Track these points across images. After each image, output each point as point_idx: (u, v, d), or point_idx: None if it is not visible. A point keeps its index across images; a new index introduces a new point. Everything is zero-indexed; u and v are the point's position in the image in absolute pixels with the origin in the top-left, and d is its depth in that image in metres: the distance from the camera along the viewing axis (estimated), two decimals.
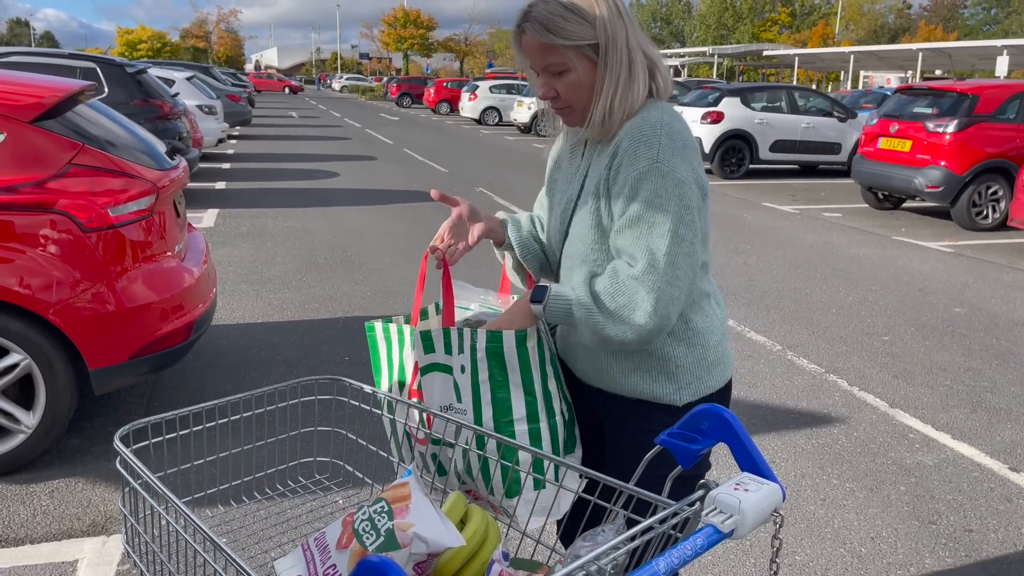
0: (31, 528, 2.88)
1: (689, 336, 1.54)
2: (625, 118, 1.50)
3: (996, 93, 9.51)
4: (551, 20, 1.46)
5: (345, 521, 1.28)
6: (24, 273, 3.08)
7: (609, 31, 1.47)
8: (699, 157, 1.50)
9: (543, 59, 1.50)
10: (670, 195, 1.41)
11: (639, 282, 1.41)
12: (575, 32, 1.46)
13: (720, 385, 1.60)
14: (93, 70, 8.82)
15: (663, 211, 1.41)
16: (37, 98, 3.29)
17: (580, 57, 1.49)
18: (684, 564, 1.05)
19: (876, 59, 39.52)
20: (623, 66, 1.48)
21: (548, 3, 1.47)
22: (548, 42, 1.47)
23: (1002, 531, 3.09)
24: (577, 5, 1.46)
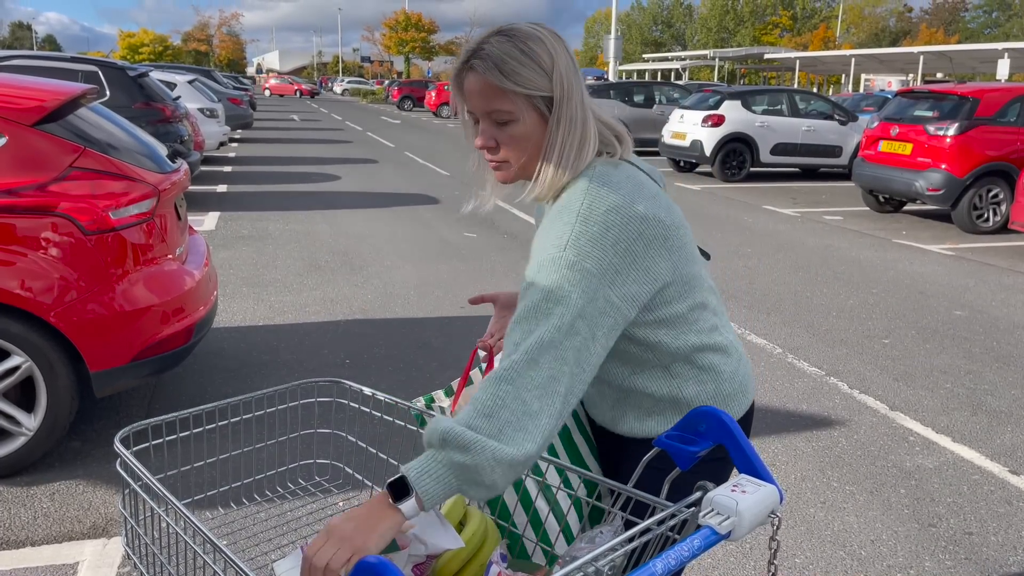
0: (32, 530, 2.89)
1: (698, 374, 1.44)
2: (568, 182, 1.37)
3: (997, 96, 9.51)
4: (506, 62, 1.32)
5: None
6: (26, 276, 3.09)
7: (565, 85, 1.34)
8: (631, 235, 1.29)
9: (488, 103, 1.35)
10: (573, 285, 1.24)
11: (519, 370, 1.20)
12: (530, 80, 1.32)
13: (738, 416, 1.51)
14: (95, 73, 8.83)
15: (562, 302, 1.23)
16: (39, 101, 3.30)
17: (530, 108, 1.34)
18: (681, 565, 1.06)
19: (877, 62, 39.55)
20: (576, 126, 1.36)
21: (503, 43, 1.33)
22: (498, 85, 1.32)
23: (1002, 534, 3.09)
24: (535, 52, 1.33)
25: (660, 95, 18.81)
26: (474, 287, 6.35)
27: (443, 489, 1.16)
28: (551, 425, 1.19)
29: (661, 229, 1.32)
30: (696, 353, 1.42)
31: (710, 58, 54.15)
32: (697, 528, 1.12)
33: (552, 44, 1.35)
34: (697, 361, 1.42)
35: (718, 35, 74.91)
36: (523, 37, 1.34)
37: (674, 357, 1.41)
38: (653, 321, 1.37)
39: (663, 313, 1.37)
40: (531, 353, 1.21)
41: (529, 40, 1.34)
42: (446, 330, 5.28)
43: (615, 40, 27.05)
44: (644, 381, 1.43)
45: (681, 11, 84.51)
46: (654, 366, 1.42)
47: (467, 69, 1.36)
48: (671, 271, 1.34)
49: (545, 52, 1.34)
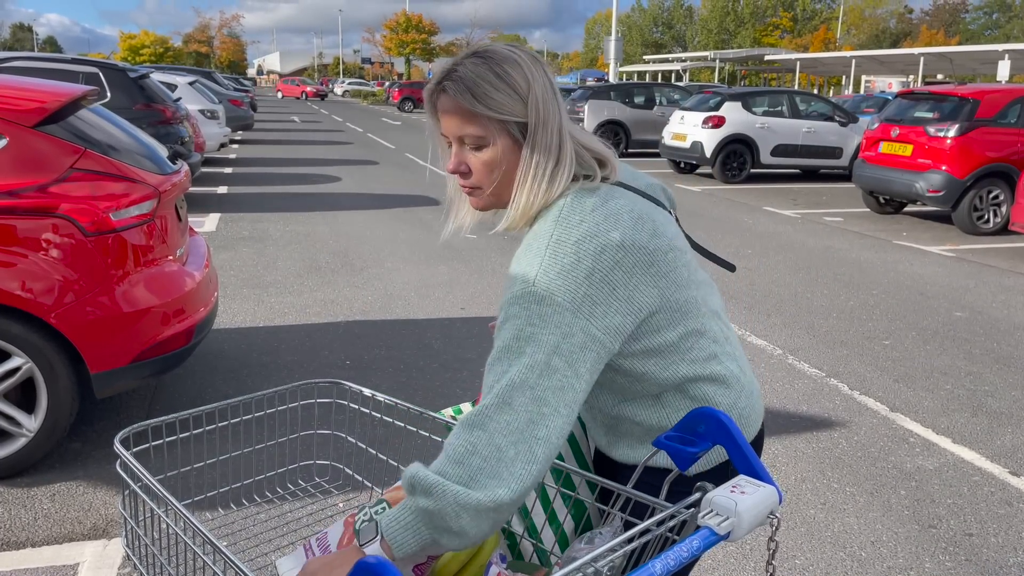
0: (32, 531, 2.89)
1: (690, 404, 1.36)
2: (543, 209, 1.32)
3: (997, 97, 9.52)
4: (479, 85, 1.27)
5: (347, 521, 1.29)
6: (26, 277, 3.10)
7: (541, 112, 1.29)
8: (608, 265, 1.23)
9: (460, 127, 1.31)
10: (545, 321, 1.18)
11: (491, 414, 1.15)
12: (504, 105, 1.28)
13: None
14: (96, 75, 8.84)
15: (534, 340, 1.17)
16: (40, 103, 3.31)
17: (503, 133, 1.30)
18: (680, 566, 1.06)
19: (877, 63, 39.56)
20: (551, 153, 1.30)
21: (478, 66, 1.29)
22: (470, 109, 1.28)
23: (1002, 535, 3.09)
24: (511, 76, 1.28)
25: (660, 96, 18.82)
26: (474, 288, 6.35)
27: (413, 537, 1.12)
28: (529, 471, 1.13)
29: (643, 256, 1.25)
30: (689, 384, 1.35)
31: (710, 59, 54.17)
32: (696, 529, 1.12)
33: (530, 68, 1.30)
34: (690, 391, 1.35)
35: (718, 36, 74.95)
36: (499, 60, 1.29)
37: (663, 387, 1.34)
38: (640, 351, 1.30)
39: (651, 343, 1.30)
40: (504, 396, 1.15)
41: (505, 63, 1.29)
42: (446, 331, 5.28)
43: (615, 41, 27.07)
44: (634, 410, 1.38)
45: (681, 12, 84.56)
46: (643, 396, 1.36)
47: (440, 91, 1.32)
48: (658, 299, 1.27)
49: (521, 76, 1.29)
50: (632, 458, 1.42)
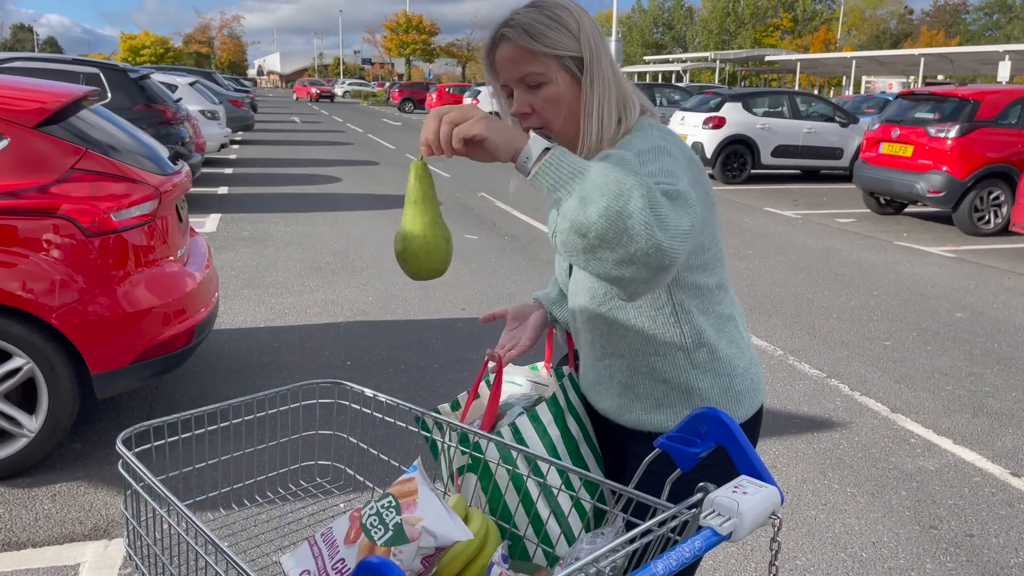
0: (33, 532, 2.89)
1: (715, 366, 1.45)
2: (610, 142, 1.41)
3: (998, 98, 9.52)
4: (534, 27, 1.37)
5: (352, 516, 1.29)
6: (27, 277, 3.10)
7: (593, 46, 1.39)
8: (700, 170, 1.37)
9: (520, 68, 1.39)
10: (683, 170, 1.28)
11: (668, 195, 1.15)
12: (559, 41, 1.38)
13: (748, 416, 1.50)
14: (96, 75, 8.85)
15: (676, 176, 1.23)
16: (41, 103, 3.31)
17: (562, 70, 1.39)
18: (682, 566, 1.06)
19: (878, 64, 39.56)
20: (610, 83, 1.41)
21: (531, 12, 1.39)
22: (529, 48, 1.37)
23: (1003, 536, 3.09)
24: (561, 17, 1.39)
25: (661, 97, 18.83)
26: (475, 289, 6.36)
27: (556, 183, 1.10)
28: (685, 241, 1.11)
29: (711, 190, 1.41)
30: (719, 338, 1.45)
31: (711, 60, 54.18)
32: (698, 529, 1.13)
33: (577, 11, 1.41)
34: (718, 350, 1.44)
35: (719, 37, 74.97)
36: (549, 6, 1.40)
37: (700, 339, 1.43)
38: (691, 286, 1.40)
39: (699, 279, 1.41)
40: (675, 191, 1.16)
41: (555, 8, 1.40)
42: (447, 332, 5.29)
43: (616, 42, 27.07)
44: (663, 364, 1.44)
45: (682, 13, 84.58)
46: (678, 348, 1.43)
47: (498, 39, 1.41)
48: (713, 222, 1.41)
49: (571, 17, 1.39)
50: (645, 423, 1.48)
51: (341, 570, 1.23)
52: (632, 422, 1.49)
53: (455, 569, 1.28)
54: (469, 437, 1.50)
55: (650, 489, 1.35)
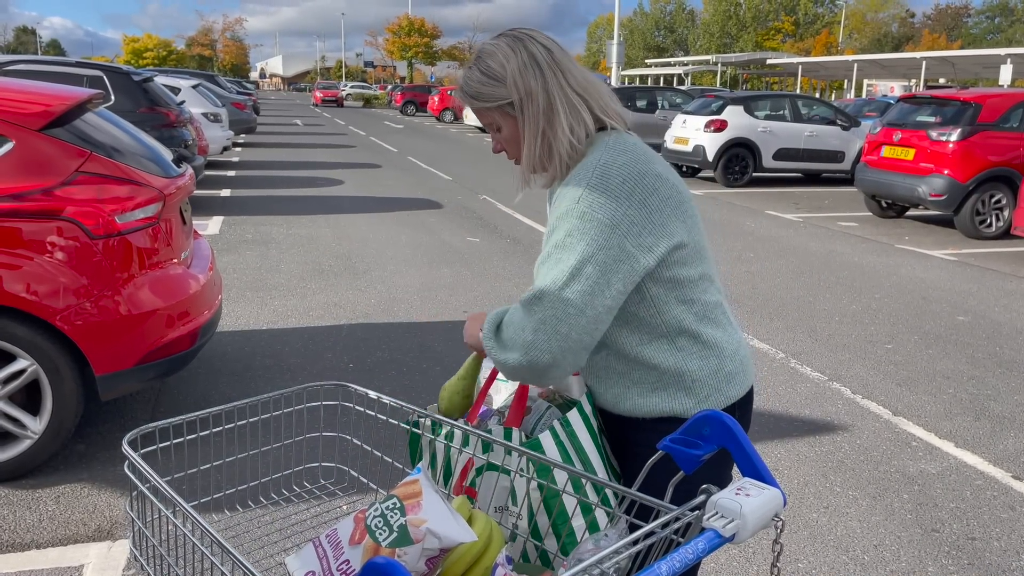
0: (37, 533, 2.90)
1: (701, 349, 1.52)
2: (570, 160, 1.51)
3: (999, 102, 9.52)
4: (471, 86, 1.53)
5: (357, 517, 1.30)
6: (31, 280, 3.11)
7: (521, 87, 1.49)
8: (647, 189, 1.43)
9: (479, 119, 1.58)
10: (583, 234, 1.39)
11: (525, 307, 1.41)
12: (491, 94, 1.51)
13: (740, 395, 1.58)
14: (100, 78, 8.87)
15: (571, 249, 1.39)
16: (45, 106, 3.32)
17: (504, 116, 1.53)
18: (685, 568, 1.07)
19: (879, 67, 39.58)
20: (540, 117, 1.50)
21: (470, 70, 1.54)
22: (475, 106, 1.54)
23: (1005, 539, 3.09)
24: (489, 67, 1.50)
25: (663, 100, 18.85)
26: (477, 291, 6.37)
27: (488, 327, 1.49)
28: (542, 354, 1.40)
29: (675, 192, 1.47)
30: (701, 324, 1.51)
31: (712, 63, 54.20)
32: (701, 531, 1.13)
33: (504, 53, 1.50)
34: (702, 335, 1.51)
35: (720, 40, 74.98)
36: (482, 56, 1.52)
37: (681, 327, 1.50)
38: (668, 279, 1.47)
39: (677, 273, 1.47)
40: (536, 293, 1.39)
41: (484, 57, 1.52)
42: (449, 334, 5.29)
43: (617, 45, 27.11)
44: (651, 352, 1.51)
45: (683, 16, 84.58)
46: (662, 336, 1.50)
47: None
48: (686, 233, 1.47)
49: (497, 63, 1.50)
50: (641, 408, 1.54)
51: (346, 571, 1.24)
52: (629, 409, 1.55)
53: (459, 570, 1.29)
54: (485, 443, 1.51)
55: (653, 491, 1.36)
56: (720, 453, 1.25)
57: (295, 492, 1.78)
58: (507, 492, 1.51)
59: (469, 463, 1.55)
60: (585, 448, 1.52)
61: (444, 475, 1.60)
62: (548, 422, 1.57)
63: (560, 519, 1.47)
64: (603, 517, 1.48)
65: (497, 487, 1.52)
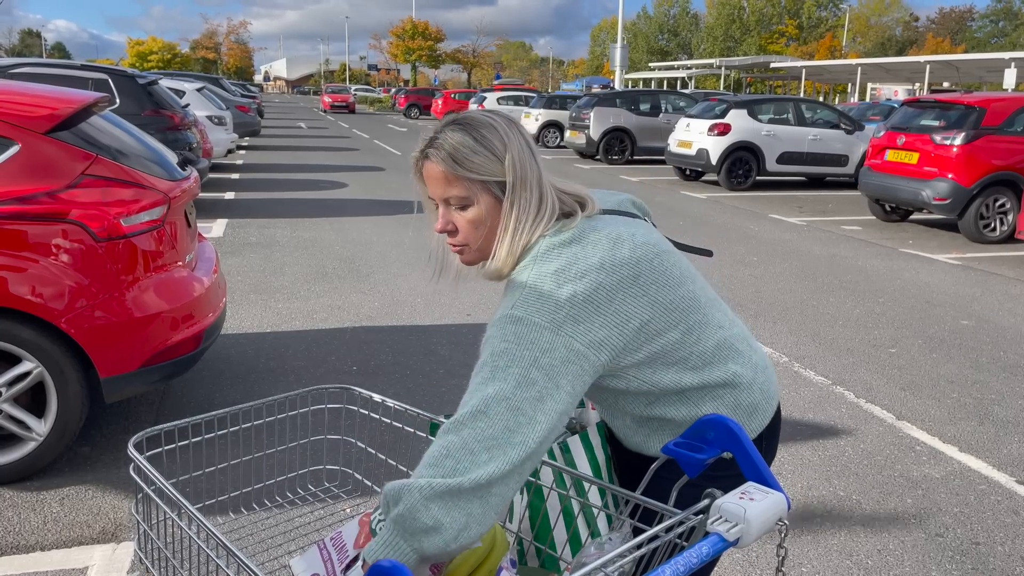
0: (41, 535, 2.91)
1: (712, 391, 1.42)
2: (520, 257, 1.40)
3: (1003, 106, 9.51)
4: (458, 151, 1.37)
5: (362, 521, 1.30)
6: (37, 282, 3.12)
7: (518, 170, 1.38)
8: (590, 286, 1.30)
9: (445, 190, 1.40)
10: (521, 339, 1.25)
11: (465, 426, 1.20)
12: (483, 166, 1.37)
13: (764, 426, 1.49)
14: (105, 81, 8.90)
15: (511, 356, 1.25)
16: (51, 109, 3.34)
17: (484, 192, 1.39)
18: (690, 572, 1.07)
19: (883, 71, 39.55)
20: (531, 207, 1.39)
21: (456, 133, 1.38)
22: (453, 173, 1.38)
23: (1009, 544, 3.09)
24: (488, 139, 1.38)
25: (666, 103, 18.84)
26: (480, 294, 6.37)
27: (393, 552, 1.14)
28: (500, 470, 1.18)
29: (625, 271, 1.32)
30: (704, 374, 1.41)
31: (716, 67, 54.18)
32: (705, 535, 1.13)
33: (505, 131, 1.40)
34: (708, 382, 1.41)
35: (724, 44, 74.98)
36: (476, 125, 1.39)
37: (682, 384, 1.40)
38: (646, 358, 1.36)
39: (654, 347, 1.36)
40: (479, 406, 1.21)
41: (482, 128, 1.39)
42: (452, 337, 5.30)
43: (621, 49, 27.12)
44: (662, 409, 1.43)
45: (687, 20, 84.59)
46: (667, 395, 1.41)
47: (423, 158, 1.42)
48: (648, 307, 1.34)
49: (498, 138, 1.38)
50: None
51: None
52: (653, 452, 1.49)
53: (464, 574, 1.29)
54: None
55: (657, 495, 1.36)
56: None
57: (299, 495, 1.79)
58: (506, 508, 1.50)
59: None
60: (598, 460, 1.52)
61: None
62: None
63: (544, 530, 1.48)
64: (574, 506, 1.48)
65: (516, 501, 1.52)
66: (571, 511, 1.48)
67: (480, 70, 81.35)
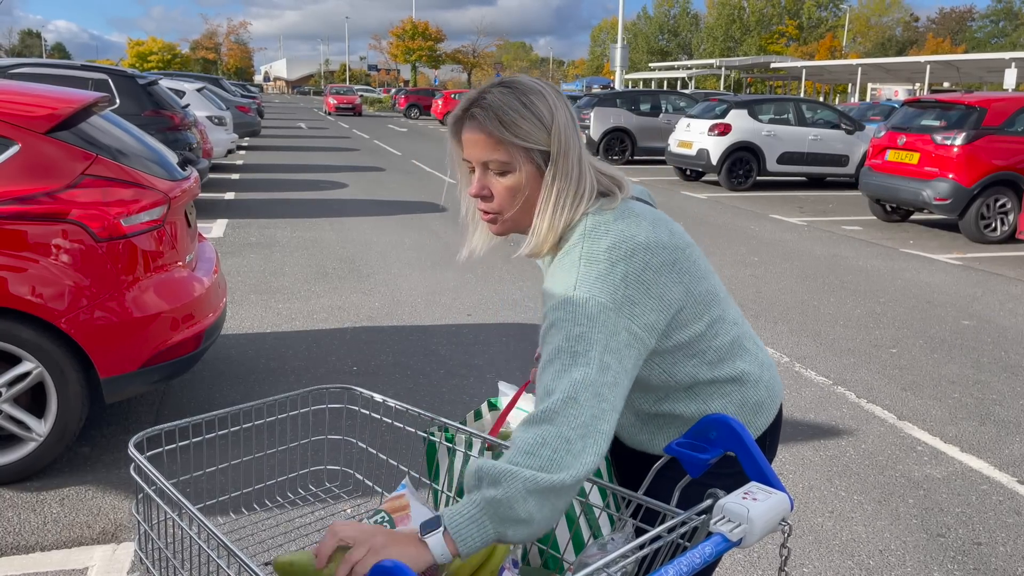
0: (42, 535, 2.90)
1: (721, 387, 1.44)
2: (562, 234, 1.37)
3: (1004, 106, 9.51)
4: (506, 113, 1.32)
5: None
6: (37, 282, 3.11)
7: (563, 141, 1.35)
8: (640, 266, 1.29)
9: (486, 153, 1.35)
10: (593, 321, 1.24)
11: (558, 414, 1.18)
12: (530, 133, 1.33)
13: (768, 423, 1.50)
14: (105, 81, 8.90)
15: (586, 341, 1.22)
16: (51, 109, 3.33)
17: (527, 161, 1.35)
18: (692, 572, 1.06)
19: (884, 71, 39.56)
20: (572, 180, 1.36)
21: (505, 95, 1.34)
22: (498, 136, 1.33)
23: (1011, 544, 3.08)
24: (536, 106, 1.34)
25: (666, 104, 18.84)
26: (481, 294, 6.37)
27: (478, 531, 1.11)
28: (592, 461, 1.17)
29: (667, 255, 1.33)
30: (717, 370, 1.42)
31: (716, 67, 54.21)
32: (708, 535, 1.13)
33: (553, 100, 1.36)
34: (719, 377, 1.42)
35: (724, 44, 75.00)
36: (524, 90, 1.35)
37: (696, 378, 1.41)
38: (672, 347, 1.36)
39: (681, 337, 1.36)
40: (571, 391, 1.19)
41: (531, 93, 1.35)
42: (453, 338, 5.29)
43: (621, 49, 27.12)
44: (671, 405, 1.44)
45: (687, 20, 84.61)
46: (679, 389, 1.42)
47: (467, 118, 1.37)
48: (683, 294, 1.34)
49: (546, 106, 1.35)
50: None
51: None
52: (657, 450, 1.50)
53: (466, 574, 1.29)
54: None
55: (660, 495, 1.35)
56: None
57: (300, 495, 1.78)
58: None
59: None
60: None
61: (459, 490, 1.59)
62: None
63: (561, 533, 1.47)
64: (576, 506, 1.48)
65: None
66: (573, 512, 1.47)
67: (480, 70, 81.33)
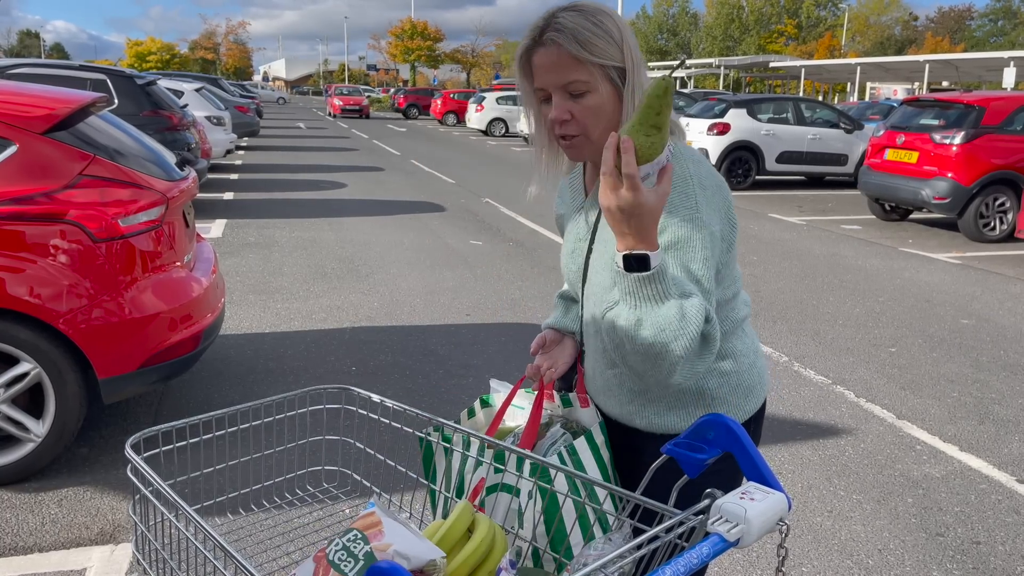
0: (40, 536, 2.90)
1: (721, 366, 1.48)
2: None
3: (1003, 105, 9.51)
4: (581, 33, 1.33)
5: (317, 557, 1.27)
6: (35, 283, 3.11)
7: (635, 56, 1.37)
8: (725, 194, 1.41)
9: (564, 75, 1.36)
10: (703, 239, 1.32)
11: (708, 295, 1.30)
12: (605, 50, 1.34)
13: (756, 408, 1.55)
14: (103, 81, 8.89)
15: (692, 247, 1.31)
16: (49, 109, 3.33)
17: (605, 80, 1.36)
18: (690, 572, 1.06)
19: (883, 71, 39.55)
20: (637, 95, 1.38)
21: (577, 17, 1.35)
22: (576, 55, 1.33)
23: (1010, 543, 3.08)
24: (606, 24, 1.35)
25: None
26: (480, 294, 6.36)
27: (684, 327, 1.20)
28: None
29: (718, 179, 1.41)
30: (727, 342, 1.47)
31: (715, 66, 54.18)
32: (705, 535, 1.13)
33: (619, 18, 1.39)
34: (725, 351, 1.48)
35: (723, 43, 74.98)
36: (592, 11, 1.36)
37: None
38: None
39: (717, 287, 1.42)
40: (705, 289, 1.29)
41: (598, 14, 1.36)
42: (452, 338, 5.29)
43: None
44: None
45: (686, 19, 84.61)
46: None
47: (540, 44, 1.37)
48: (720, 224, 1.39)
49: (614, 25, 1.36)
50: (658, 426, 1.50)
51: None
52: (645, 425, 1.51)
53: (463, 574, 1.28)
54: (505, 455, 1.49)
55: (657, 495, 1.35)
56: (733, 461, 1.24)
57: (298, 496, 1.78)
58: (515, 514, 1.49)
59: (481, 483, 1.53)
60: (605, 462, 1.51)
61: (458, 491, 1.58)
62: (557, 448, 1.56)
63: (559, 535, 1.47)
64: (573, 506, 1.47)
65: (508, 509, 1.51)
66: (586, 517, 1.47)
67: (479, 70, 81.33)
